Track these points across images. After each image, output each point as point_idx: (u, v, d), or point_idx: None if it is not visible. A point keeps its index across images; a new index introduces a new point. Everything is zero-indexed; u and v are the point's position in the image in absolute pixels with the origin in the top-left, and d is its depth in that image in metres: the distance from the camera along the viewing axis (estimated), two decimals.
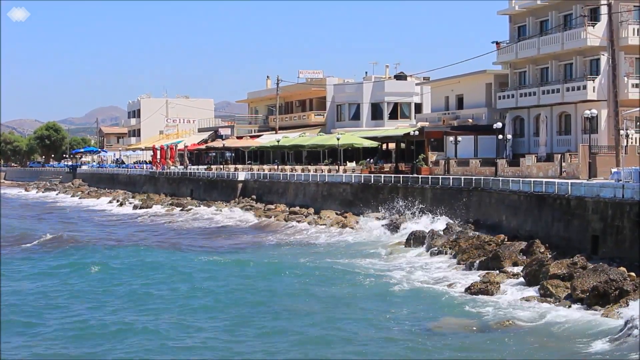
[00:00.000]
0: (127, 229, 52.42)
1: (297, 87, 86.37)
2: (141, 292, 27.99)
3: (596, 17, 49.30)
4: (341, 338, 21.45)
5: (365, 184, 50.47)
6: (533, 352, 19.94)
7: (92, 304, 25.93)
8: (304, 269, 32.45)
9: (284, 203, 57.44)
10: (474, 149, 55.93)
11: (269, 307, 25.40)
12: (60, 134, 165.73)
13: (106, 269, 32.87)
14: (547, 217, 32.79)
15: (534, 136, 54.55)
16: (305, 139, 70.73)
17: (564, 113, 52.47)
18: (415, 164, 55.31)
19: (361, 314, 24.39)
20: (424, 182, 45.02)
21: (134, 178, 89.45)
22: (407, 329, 22.34)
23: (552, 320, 22.74)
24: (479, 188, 39.64)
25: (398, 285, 28.52)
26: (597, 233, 28.79)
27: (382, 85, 77.53)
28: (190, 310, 25.05)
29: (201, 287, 28.85)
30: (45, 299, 26.83)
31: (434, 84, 68.07)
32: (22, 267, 33.91)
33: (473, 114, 59.87)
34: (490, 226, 37.24)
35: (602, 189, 29.18)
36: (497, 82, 58.88)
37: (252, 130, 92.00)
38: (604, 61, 48.45)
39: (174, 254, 37.73)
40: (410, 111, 76.84)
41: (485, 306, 24.75)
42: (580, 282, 24.97)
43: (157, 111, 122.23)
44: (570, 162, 44.11)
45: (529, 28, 55.42)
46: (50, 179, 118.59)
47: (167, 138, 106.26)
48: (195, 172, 75.68)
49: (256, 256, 36.95)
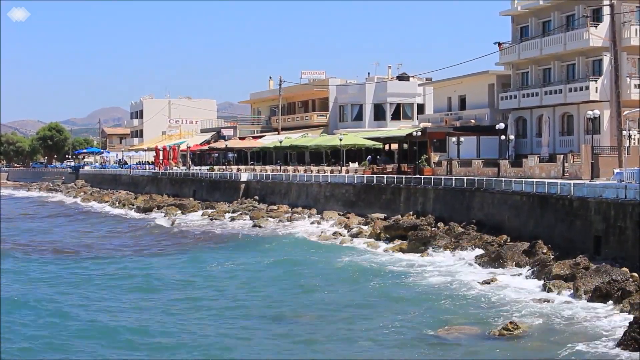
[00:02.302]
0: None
1: (299, 87, 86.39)
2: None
3: (599, 18, 49.29)
4: (347, 338, 21.53)
5: (367, 184, 50.51)
6: (533, 352, 19.97)
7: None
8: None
9: (287, 204, 57.47)
10: (476, 150, 55.90)
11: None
12: (63, 134, 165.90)
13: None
14: (549, 218, 32.80)
15: (536, 137, 54.53)
16: (307, 140, 70.74)
17: (566, 114, 52.47)
18: (418, 165, 55.29)
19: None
20: (426, 183, 45.06)
21: (137, 179, 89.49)
22: (412, 330, 22.37)
23: (554, 320, 22.77)
24: (482, 189, 39.66)
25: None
26: (600, 234, 28.81)
27: (384, 86, 77.53)
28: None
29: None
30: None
31: (437, 84, 68.07)
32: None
33: (475, 114, 59.87)
34: (493, 227, 37.26)
35: (605, 190, 29.21)
36: (499, 82, 58.88)
37: (254, 131, 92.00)
38: (606, 62, 48.46)
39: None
40: (412, 112, 76.81)
41: (487, 304, 24.79)
42: (583, 282, 25.02)
43: (160, 112, 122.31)
44: (573, 162, 44.10)
45: (532, 29, 55.41)
46: (52, 180, 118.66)
47: (170, 139, 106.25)
48: (198, 173, 75.72)
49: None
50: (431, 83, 70.83)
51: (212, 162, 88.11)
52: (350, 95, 79.21)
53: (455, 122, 60.52)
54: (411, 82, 77.76)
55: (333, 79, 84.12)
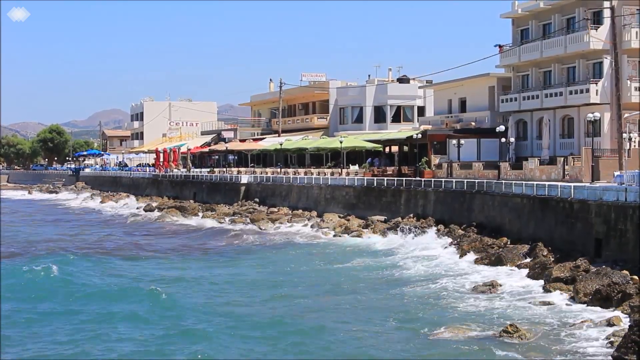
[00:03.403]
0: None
1: (300, 90, 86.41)
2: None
3: (599, 20, 49.30)
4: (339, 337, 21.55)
5: (368, 187, 50.53)
6: (533, 355, 19.95)
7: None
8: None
9: (287, 206, 57.46)
10: (476, 152, 55.89)
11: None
12: (63, 136, 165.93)
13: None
14: (550, 220, 32.80)
15: (536, 139, 54.54)
16: (308, 142, 70.74)
17: (566, 116, 52.47)
18: (418, 167, 55.27)
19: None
20: (426, 185, 45.09)
21: (137, 181, 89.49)
22: (406, 331, 22.38)
23: (554, 323, 22.77)
24: (482, 191, 39.68)
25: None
26: (600, 236, 28.81)
27: (385, 89, 77.55)
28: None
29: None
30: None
31: (437, 87, 68.10)
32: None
33: (476, 117, 59.89)
34: (493, 229, 37.27)
35: (605, 192, 29.20)
36: (500, 85, 58.89)
37: (255, 133, 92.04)
38: (606, 64, 48.46)
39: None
40: (413, 114, 76.82)
41: (487, 307, 24.78)
42: (583, 285, 25.00)
43: (160, 114, 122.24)
44: (573, 165, 44.09)
45: (532, 31, 55.44)
46: (53, 182, 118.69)
47: (170, 141, 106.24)
48: (198, 175, 75.73)
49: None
50: (432, 85, 70.85)
51: (213, 164, 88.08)
52: (350, 97, 79.21)
53: (455, 124, 60.54)
54: (412, 84, 77.79)
55: (333, 81, 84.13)
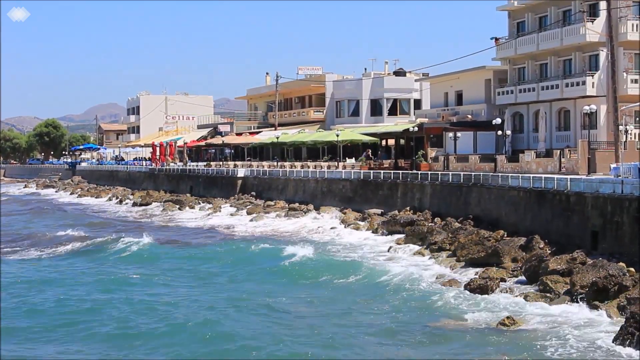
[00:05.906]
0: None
1: (296, 83, 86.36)
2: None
3: (595, 13, 49.31)
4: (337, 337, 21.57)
5: (364, 180, 50.51)
6: (530, 346, 19.98)
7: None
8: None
9: (284, 199, 57.45)
10: (473, 145, 55.93)
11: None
12: (60, 131, 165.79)
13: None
14: (546, 213, 32.80)
15: (533, 132, 54.57)
16: (304, 136, 70.73)
17: (563, 109, 52.49)
18: (415, 160, 55.30)
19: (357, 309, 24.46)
20: (423, 178, 45.05)
21: (134, 175, 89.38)
22: (404, 327, 22.38)
23: (551, 315, 22.79)
24: (479, 184, 39.66)
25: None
26: (597, 229, 28.81)
27: (381, 82, 77.53)
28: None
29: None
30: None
31: (433, 80, 68.09)
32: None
33: (472, 110, 59.90)
34: (489, 222, 37.27)
35: (602, 185, 29.18)
36: (496, 78, 58.90)
37: (251, 126, 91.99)
38: (603, 57, 48.46)
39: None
40: (409, 107, 76.87)
41: (483, 303, 24.79)
42: (579, 277, 25.00)
43: (157, 108, 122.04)
44: (570, 157, 44.12)
45: (528, 24, 55.43)
46: (49, 176, 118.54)
47: (167, 135, 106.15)
48: (195, 169, 75.66)
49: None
50: (428, 78, 70.84)
51: (209, 158, 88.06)
52: (347, 90, 79.19)
53: (452, 117, 60.55)
54: (408, 77, 77.80)
55: (330, 74, 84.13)
